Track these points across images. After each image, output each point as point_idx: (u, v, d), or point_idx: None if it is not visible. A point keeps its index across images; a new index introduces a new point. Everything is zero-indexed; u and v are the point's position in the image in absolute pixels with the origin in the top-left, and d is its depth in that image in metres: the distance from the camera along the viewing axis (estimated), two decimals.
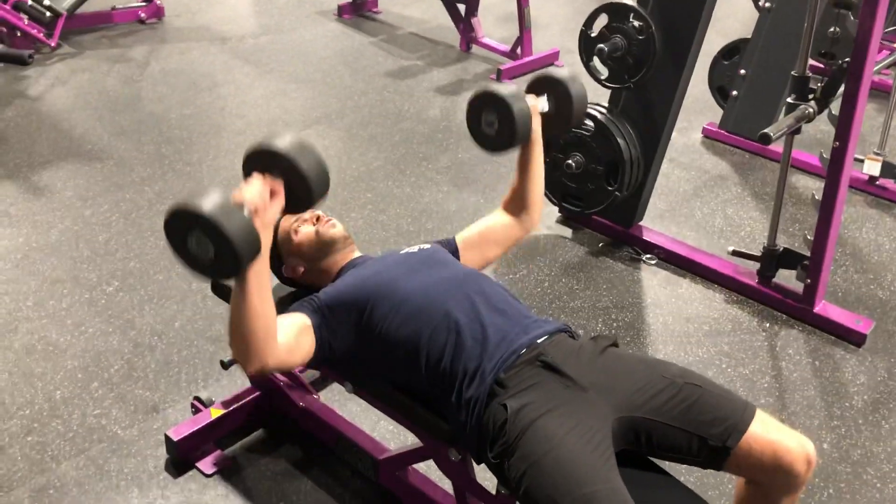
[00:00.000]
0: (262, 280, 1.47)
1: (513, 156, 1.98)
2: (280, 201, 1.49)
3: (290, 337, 1.62)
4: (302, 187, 1.48)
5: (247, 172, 1.51)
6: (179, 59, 4.83)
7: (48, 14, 4.69)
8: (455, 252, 1.97)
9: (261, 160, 1.48)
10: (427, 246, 1.91)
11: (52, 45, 4.74)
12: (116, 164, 3.62)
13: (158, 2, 5.37)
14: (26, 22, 4.62)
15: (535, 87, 1.97)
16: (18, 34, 4.63)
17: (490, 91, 1.80)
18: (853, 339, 2.78)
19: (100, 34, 5.13)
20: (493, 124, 1.81)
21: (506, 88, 1.79)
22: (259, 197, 1.44)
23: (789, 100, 2.63)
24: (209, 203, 1.33)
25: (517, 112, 1.77)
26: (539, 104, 1.92)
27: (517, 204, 2.01)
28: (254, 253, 1.37)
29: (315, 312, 1.70)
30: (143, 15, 5.32)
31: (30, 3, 4.64)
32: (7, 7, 4.54)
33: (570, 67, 2.02)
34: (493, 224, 2.03)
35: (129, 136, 3.88)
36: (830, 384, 2.60)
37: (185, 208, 1.34)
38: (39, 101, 4.21)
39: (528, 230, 2.04)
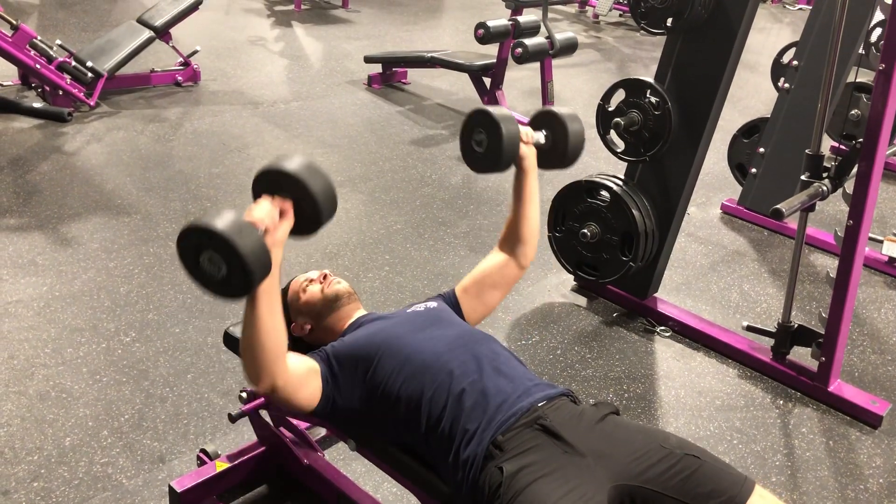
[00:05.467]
0: (272, 298, 1.51)
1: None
2: (289, 220, 1.52)
3: (299, 369, 1.67)
4: (311, 207, 1.50)
5: (256, 194, 1.54)
6: (212, 121, 4.99)
7: (90, 75, 4.90)
8: (455, 304, 1.98)
9: (269, 181, 1.51)
10: (433, 304, 1.93)
11: (91, 104, 4.92)
12: (143, 219, 3.72)
13: (195, 66, 5.59)
14: (68, 81, 4.82)
15: (536, 121, 2.01)
16: (60, 93, 4.82)
17: (483, 110, 1.80)
18: (869, 420, 2.73)
19: (137, 95, 5.33)
20: (482, 143, 1.81)
21: (499, 110, 1.79)
22: (269, 216, 1.49)
23: (803, 177, 2.65)
24: (222, 221, 1.35)
25: (505, 134, 1.76)
26: (535, 136, 1.95)
27: (513, 238, 2.01)
28: (265, 270, 1.39)
29: (323, 362, 1.75)
30: (179, 78, 5.53)
31: (73, 64, 4.86)
32: (51, 67, 4.74)
33: (572, 108, 2.04)
34: (488, 267, 2.02)
35: (158, 193, 3.99)
36: (845, 465, 2.54)
37: (198, 226, 1.36)
38: (74, 156, 4.35)
39: (523, 266, 2.03)
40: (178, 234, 1.41)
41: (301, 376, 1.67)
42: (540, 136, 1.97)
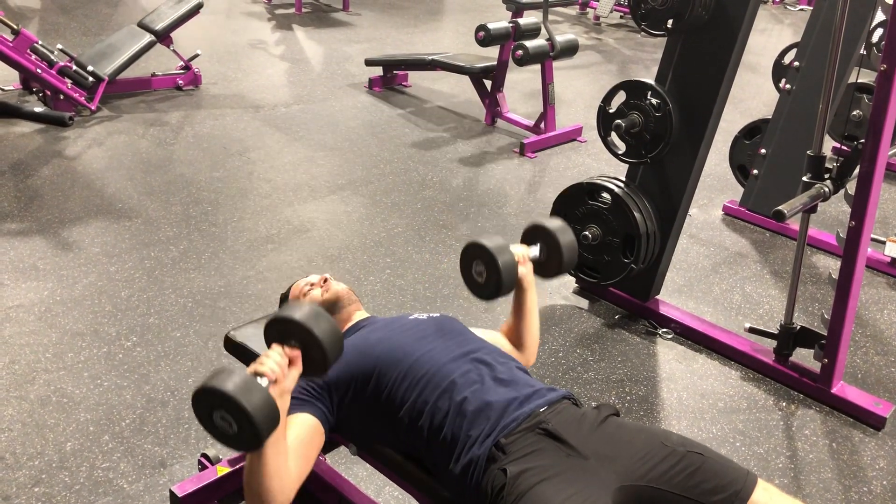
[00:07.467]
0: (279, 446, 1.52)
1: (528, 211, 2.00)
2: (298, 369, 1.56)
3: (307, 453, 1.65)
4: (318, 353, 1.55)
5: (268, 340, 1.59)
6: (213, 125, 4.99)
7: (90, 79, 4.90)
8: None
9: (279, 329, 1.57)
10: (437, 314, 1.94)
11: (92, 108, 4.93)
12: (144, 223, 3.72)
13: (196, 70, 5.59)
14: (69, 86, 4.83)
15: (528, 236, 2.03)
16: (61, 97, 4.83)
17: (478, 243, 1.85)
18: (872, 421, 2.72)
19: (138, 99, 5.34)
20: (482, 274, 1.86)
21: (493, 241, 1.84)
22: (278, 367, 1.51)
23: (805, 178, 2.65)
24: (231, 383, 1.40)
25: (502, 265, 1.82)
26: (531, 252, 1.98)
27: (513, 340, 2.06)
28: (273, 425, 1.44)
29: (318, 400, 1.72)
30: (180, 82, 5.53)
31: (74, 68, 4.86)
32: (52, 71, 4.74)
33: (561, 219, 2.05)
34: (499, 343, 2.04)
35: (159, 197, 3.99)
36: (848, 467, 2.53)
37: (208, 388, 1.41)
38: (76, 160, 4.36)
39: (525, 365, 2.00)
40: (193, 394, 1.46)
41: (310, 456, 1.66)
42: (535, 251, 2.00)
